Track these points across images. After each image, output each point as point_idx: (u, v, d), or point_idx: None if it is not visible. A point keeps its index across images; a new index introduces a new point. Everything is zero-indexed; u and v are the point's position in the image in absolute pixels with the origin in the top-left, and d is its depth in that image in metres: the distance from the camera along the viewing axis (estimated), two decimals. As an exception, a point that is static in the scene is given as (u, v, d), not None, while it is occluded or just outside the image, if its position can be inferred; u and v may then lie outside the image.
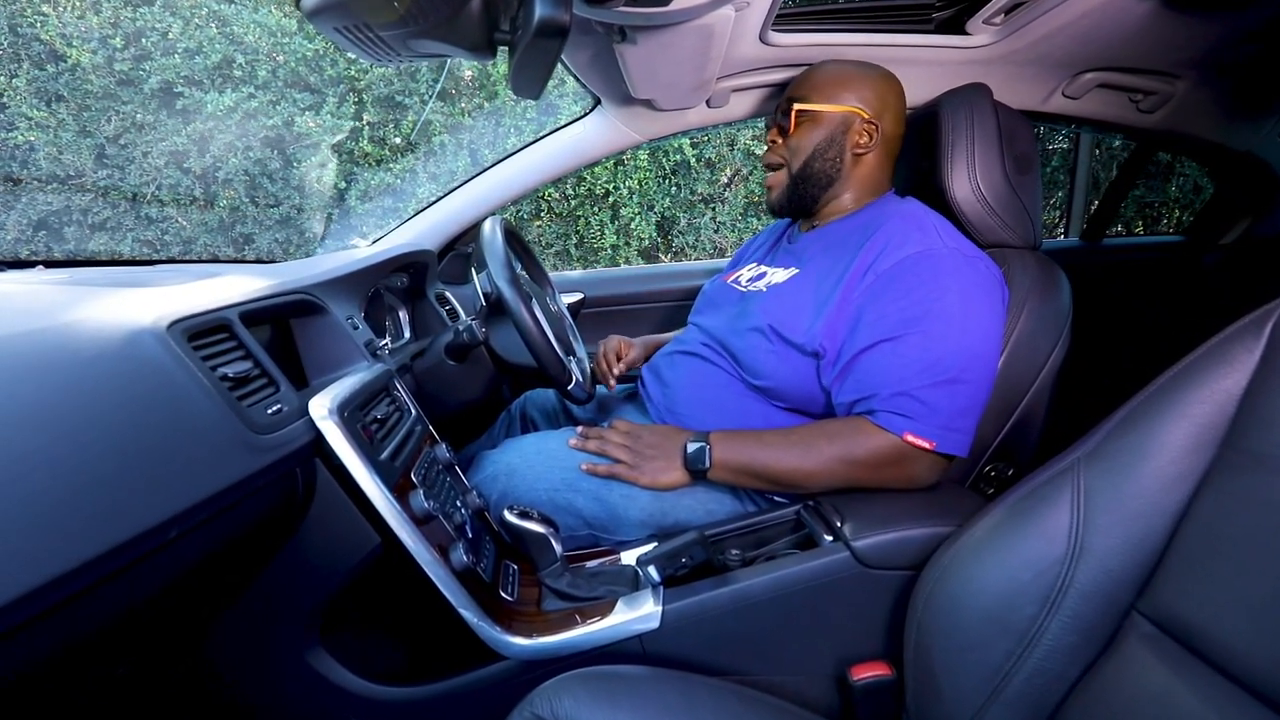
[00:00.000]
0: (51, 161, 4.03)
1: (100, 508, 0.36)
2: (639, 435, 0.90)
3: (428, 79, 4.14)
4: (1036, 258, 0.93)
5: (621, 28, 0.79)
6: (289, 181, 4.23)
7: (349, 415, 0.61)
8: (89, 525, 0.35)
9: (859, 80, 0.92)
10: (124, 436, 0.39)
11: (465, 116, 4.31)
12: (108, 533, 0.36)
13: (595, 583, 0.76)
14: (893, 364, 0.78)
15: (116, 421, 0.40)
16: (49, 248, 4.17)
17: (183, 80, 3.96)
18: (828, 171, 0.93)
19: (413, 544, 0.61)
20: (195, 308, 0.53)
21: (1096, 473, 0.58)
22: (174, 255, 4.32)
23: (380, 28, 0.62)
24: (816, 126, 0.92)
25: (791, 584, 0.71)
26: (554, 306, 1.15)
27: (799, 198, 0.96)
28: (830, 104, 0.91)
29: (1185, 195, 4.38)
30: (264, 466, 0.49)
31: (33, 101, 3.95)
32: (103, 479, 0.37)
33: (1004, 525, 0.62)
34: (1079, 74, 1.14)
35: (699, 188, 4.59)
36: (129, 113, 4.01)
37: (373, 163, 4.25)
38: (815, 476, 0.80)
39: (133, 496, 0.38)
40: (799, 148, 0.93)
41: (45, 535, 0.33)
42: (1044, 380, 0.88)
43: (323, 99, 4.10)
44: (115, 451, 0.38)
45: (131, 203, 4.15)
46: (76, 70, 3.91)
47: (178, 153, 4.07)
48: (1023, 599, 0.58)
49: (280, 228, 4.39)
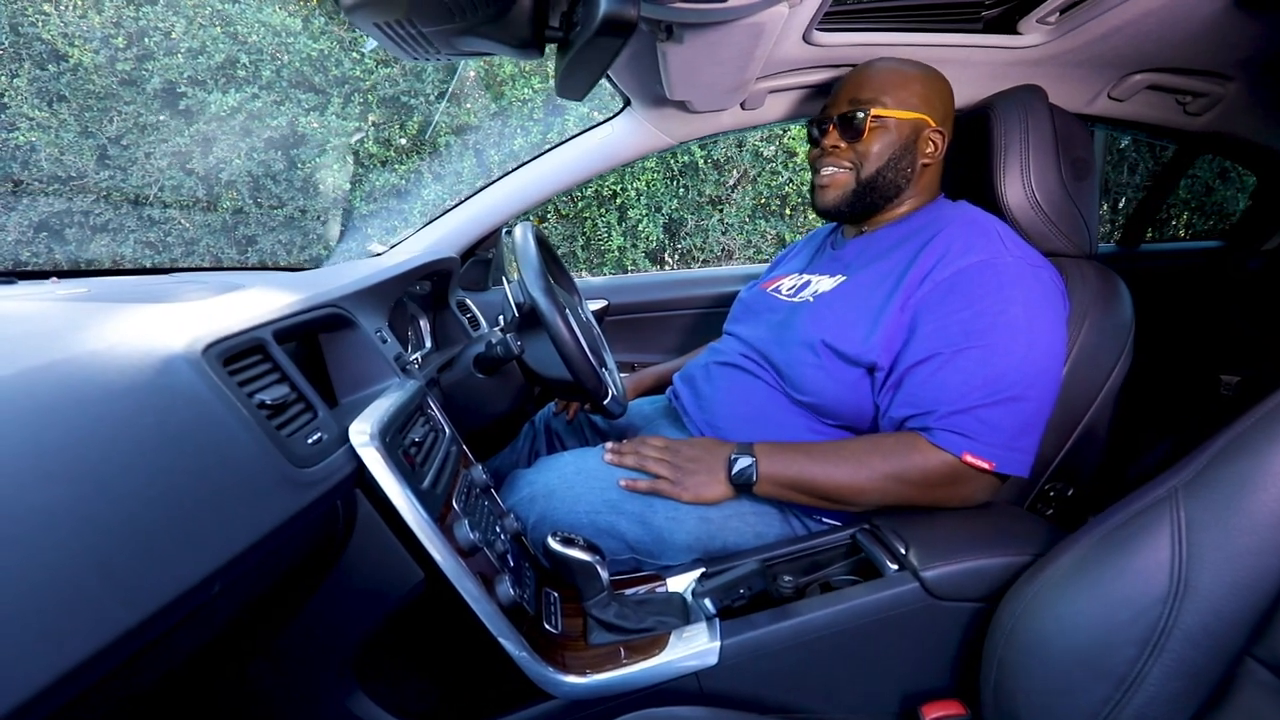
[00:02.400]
0: (53, 162, 3.99)
1: (134, 569, 0.32)
2: (678, 449, 0.85)
3: (434, 79, 4.10)
4: (1095, 267, 0.89)
5: (670, 25, 0.75)
6: (293, 183, 4.19)
7: (390, 440, 0.57)
8: (123, 591, 0.30)
9: (923, 84, 0.87)
10: (159, 482, 0.35)
11: (471, 117, 4.26)
12: (144, 599, 0.31)
13: (643, 613, 0.72)
14: (951, 379, 0.74)
15: (151, 465, 0.35)
16: (50, 249, 4.13)
17: (186, 80, 3.92)
18: (898, 182, 0.88)
19: (459, 579, 0.57)
20: (228, 328, 0.49)
21: (1199, 504, 0.54)
22: (176, 257, 4.27)
23: (424, 24, 0.58)
24: (889, 133, 0.86)
25: (856, 616, 0.67)
26: (584, 316, 1.11)
27: (863, 205, 0.90)
28: (903, 109, 0.85)
29: (1196, 197, 4.35)
30: (308, 504, 0.45)
31: (34, 102, 3.91)
32: (136, 535, 0.32)
33: (1094, 559, 0.58)
34: (1128, 75, 1.10)
35: (707, 189, 4.55)
36: (131, 113, 3.97)
37: (378, 164, 4.20)
38: (865, 493, 0.76)
39: (171, 551, 0.34)
40: (871, 154, 0.86)
41: (69, 611, 0.29)
42: (1106, 396, 0.84)
43: (327, 99, 4.06)
44: (149, 500, 0.34)
45: (134, 204, 4.11)
46: (78, 70, 3.87)
47: (181, 154, 4.03)
48: (1120, 640, 0.53)
49: (284, 229, 4.34)
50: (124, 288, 0.67)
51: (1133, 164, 4.20)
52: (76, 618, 0.28)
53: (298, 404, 0.53)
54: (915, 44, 0.99)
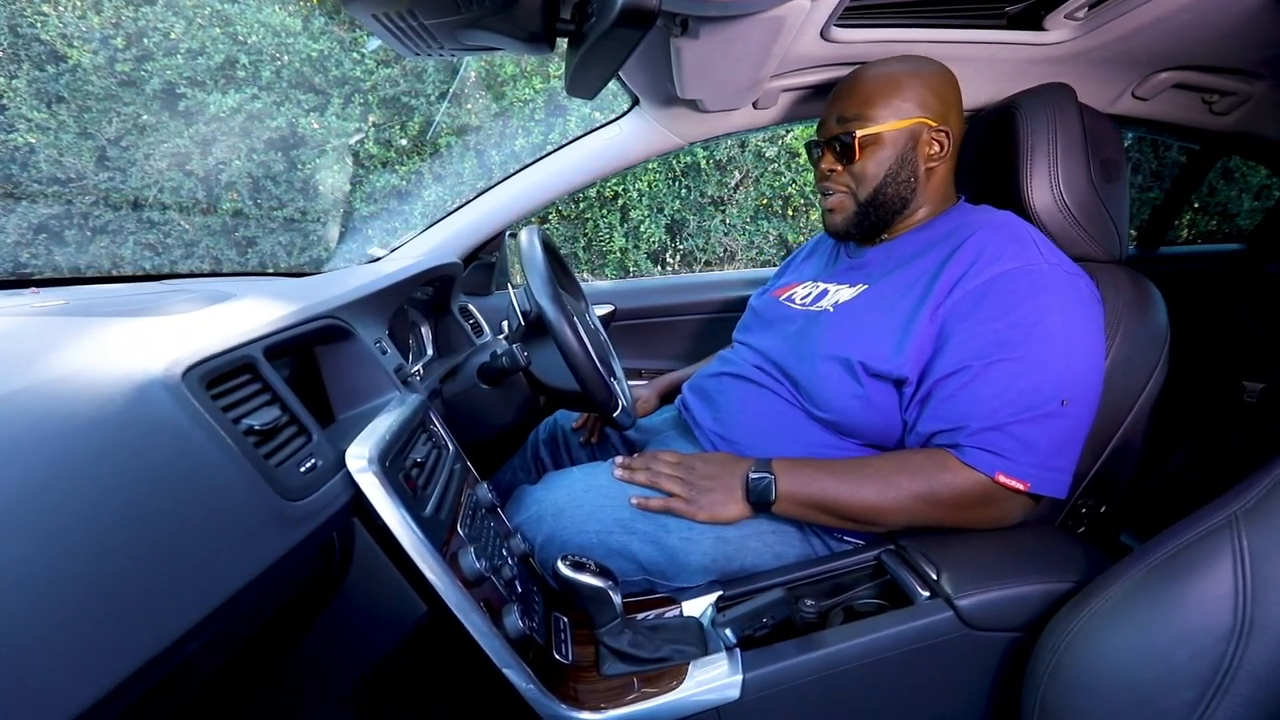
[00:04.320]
0: (52, 164, 3.96)
1: (93, 638, 0.28)
2: (693, 466, 0.81)
3: (434, 79, 4.07)
4: (1128, 273, 0.85)
5: (685, 19, 0.71)
6: (293, 184, 4.15)
7: (390, 464, 0.53)
8: (78, 666, 0.26)
9: (913, 82, 0.80)
10: (126, 530, 0.31)
11: (472, 117, 4.22)
12: (103, 672, 0.27)
13: (658, 640, 0.68)
14: (983, 393, 0.70)
15: (118, 510, 0.31)
16: (49, 250, 4.10)
17: (185, 81, 3.88)
18: (902, 194, 0.83)
19: (465, 613, 0.53)
20: (213, 346, 0.45)
21: (1262, 533, 0.50)
22: (176, 259, 4.24)
23: (426, 16, 0.54)
24: (882, 148, 0.81)
25: (886, 647, 0.63)
26: (592, 323, 1.07)
27: (870, 224, 0.86)
28: (893, 119, 0.80)
29: (1199, 197, 4.30)
30: (300, 541, 0.41)
31: (33, 103, 3.88)
32: (95, 596, 0.28)
33: (1145, 590, 0.54)
34: (1154, 73, 1.06)
35: (709, 190, 4.51)
36: (131, 114, 3.94)
37: (379, 164, 4.16)
38: (891, 514, 0.72)
39: (137, 612, 0.30)
40: (866, 175, 0.82)
41: (29, 686, 0.24)
42: (1141, 408, 0.80)
43: (327, 100, 4.02)
44: (112, 552, 0.30)
45: (133, 206, 4.08)
46: (77, 71, 3.84)
47: (180, 154, 4.00)
48: (1179, 681, 0.49)
49: (284, 230, 4.31)
50: (105, 299, 0.63)
51: (1135, 164, 4.16)
52: (18, 710, 0.24)
53: (290, 427, 0.49)
54: (936, 40, 0.95)
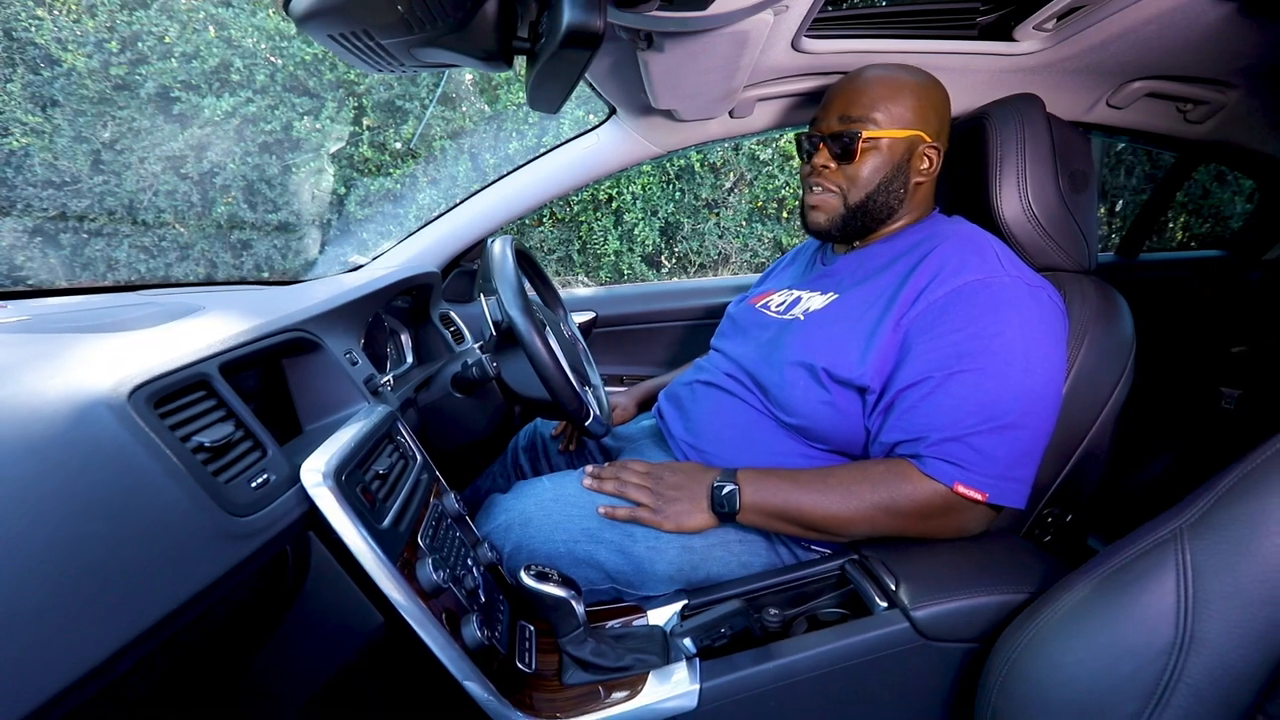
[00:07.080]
0: (46, 167, 3.96)
1: (23, 657, 0.28)
2: (660, 475, 0.82)
3: (429, 83, 4.07)
4: (1094, 283, 0.86)
5: (649, 34, 0.72)
6: (287, 187, 4.16)
7: (347, 478, 0.54)
8: (7, 683, 0.27)
9: (919, 95, 0.81)
10: (60, 553, 0.31)
11: (466, 121, 4.24)
12: (27, 695, 0.27)
13: (622, 649, 0.68)
14: (943, 404, 0.71)
15: (53, 533, 0.31)
16: (45, 253, 4.11)
17: (180, 85, 3.89)
18: (890, 204, 0.84)
19: (421, 624, 0.53)
20: (166, 364, 0.45)
21: (1205, 548, 0.50)
22: (171, 262, 4.25)
23: (381, 35, 0.54)
24: (881, 155, 0.81)
25: (842, 657, 0.63)
26: (567, 332, 1.08)
27: (853, 228, 0.86)
28: (897, 127, 0.80)
29: (1193, 200, 4.32)
30: (245, 557, 0.42)
31: (27, 106, 3.89)
32: (23, 619, 0.29)
33: (1092, 603, 0.54)
34: (1127, 83, 1.07)
35: (703, 193, 4.52)
36: (125, 118, 3.95)
37: (373, 168, 4.17)
38: (853, 524, 0.73)
39: (68, 633, 0.30)
40: (861, 179, 0.82)
41: None
42: (1106, 418, 0.81)
43: (321, 103, 4.03)
44: (46, 576, 0.30)
45: (128, 209, 4.08)
46: (72, 75, 3.84)
47: (175, 158, 4.01)
48: (1121, 694, 0.50)
49: (279, 233, 4.32)
50: (69, 314, 0.63)
51: (1129, 166, 4.17)
52: None
53: (245, 442, 0.49)
54: (907, 51, 0.96)
